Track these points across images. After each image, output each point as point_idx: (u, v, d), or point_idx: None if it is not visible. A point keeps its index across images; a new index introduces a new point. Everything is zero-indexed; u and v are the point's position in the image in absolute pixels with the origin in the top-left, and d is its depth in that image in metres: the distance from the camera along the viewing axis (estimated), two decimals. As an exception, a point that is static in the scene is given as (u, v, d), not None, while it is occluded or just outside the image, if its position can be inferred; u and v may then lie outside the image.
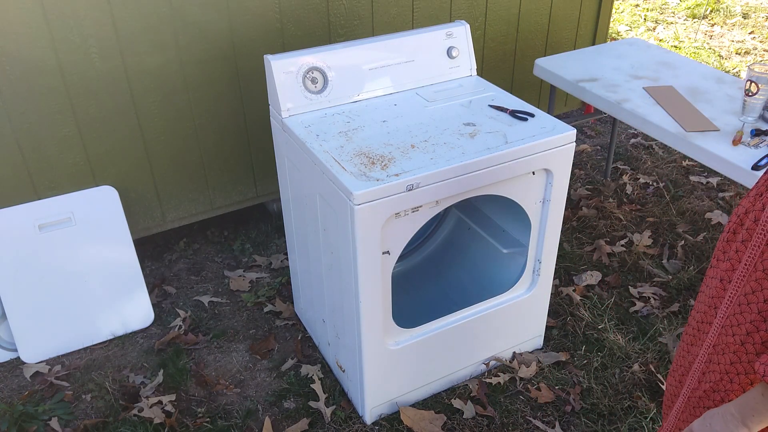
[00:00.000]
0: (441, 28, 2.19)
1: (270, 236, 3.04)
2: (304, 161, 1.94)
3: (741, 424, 1.06)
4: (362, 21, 2.77)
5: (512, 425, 2.14)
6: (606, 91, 2.56)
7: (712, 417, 1.12)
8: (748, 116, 2.30)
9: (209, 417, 2.18)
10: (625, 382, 2.29)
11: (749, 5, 6.01)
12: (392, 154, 1.83)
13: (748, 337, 1.11)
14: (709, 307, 1.23)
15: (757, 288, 1.09)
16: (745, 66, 4.75)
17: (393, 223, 1.78)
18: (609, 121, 4.07)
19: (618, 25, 5.55)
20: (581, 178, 3.47)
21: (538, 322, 2.36)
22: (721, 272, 1.19)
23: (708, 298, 1.23)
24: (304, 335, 2.51)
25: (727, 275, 1.18)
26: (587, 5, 3.43)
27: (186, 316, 2.59)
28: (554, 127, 1.96)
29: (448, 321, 2.11)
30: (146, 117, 2.49)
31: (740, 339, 1.12)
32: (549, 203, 2.06)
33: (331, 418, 2.17)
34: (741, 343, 1.12)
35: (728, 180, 3.42)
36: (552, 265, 2.23)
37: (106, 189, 2.44)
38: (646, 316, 2.56)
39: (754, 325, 1.09)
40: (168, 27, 2.38)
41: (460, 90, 2.18)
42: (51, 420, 2.16)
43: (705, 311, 1.25)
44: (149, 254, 2.93)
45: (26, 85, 2.23)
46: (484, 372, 2.33)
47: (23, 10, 2.13)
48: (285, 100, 2.00)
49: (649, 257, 2.88)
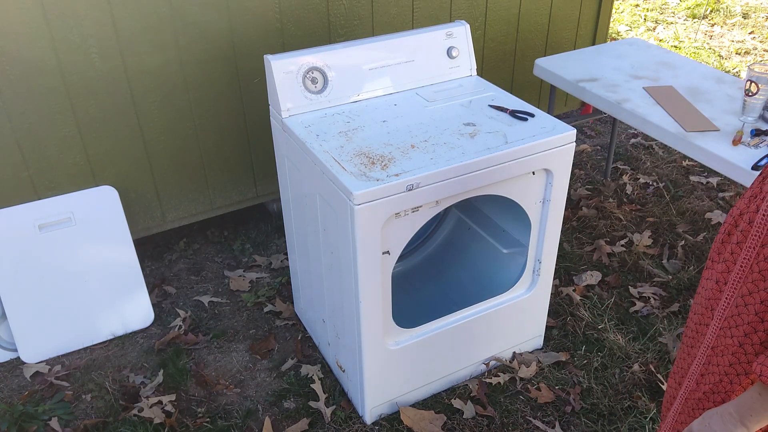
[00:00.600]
0: (441, 28, 2.19)
1: (270, 236, 3.04)
2: (304, 161, 1.94)
3: (739, 423, 1.07)
4: (362, 21, 2.77)
5: (512, 425, 2.14)
6: (606, 91, 2.56)
7: (711, 417, 1.12)
8: (748, 116, 2.30)
9: (209, 417, 2.18)
10: (625, 382, 2.29)
11: (749, 5, 6.01)
12: (392, 154, 1.83)
13: (746, 339, 1.12)
14: (705, 308, 1.24)
15: (753, 290, 1.09)
16: (745, 66, 4.75)
17: (393, 223, 1.78)
18: (609, 121, 4.07)
19: (618, 25, 5.55)
20: (581, 178, 3.47)
21: (538, 322, 2.36)
22: (717, 274, 1.20)
23: (704, 300, 1.24)
24: (304, 335, 2.51)
25: (722, 277, 1.18)
26: (587, 5, 3.43)
27: (186, 316, 2.59)
28: (554, 127, 1.96)
29: (448, 321, 2.11)
30: (146, 117, 2.49)
31: (738, 340, 1.13)
32: (549, 203, 2.06)
33: (331, 418, 2.17)
34: (739, 344, 1.13)
35: (728, 180, 3.42)
36: (552, 265, 2.23)
37: (106, 189, 2.44)
38: (646, 316, 2.56)
39: (752, 326, 1.10)
40: (168, 27, 2.38)
41: (460, 90, 2.18)
42: (51, 420, 2.16)
43: (702, 313, 1.25)
44: (149, 254, 2.93)
45: (26, 85, 2.23)
46: (484, 372, 2.33)
47: (23, 10, 2.13)
48: (285, 100, 2.00)
49: (649, 257, 2.88)
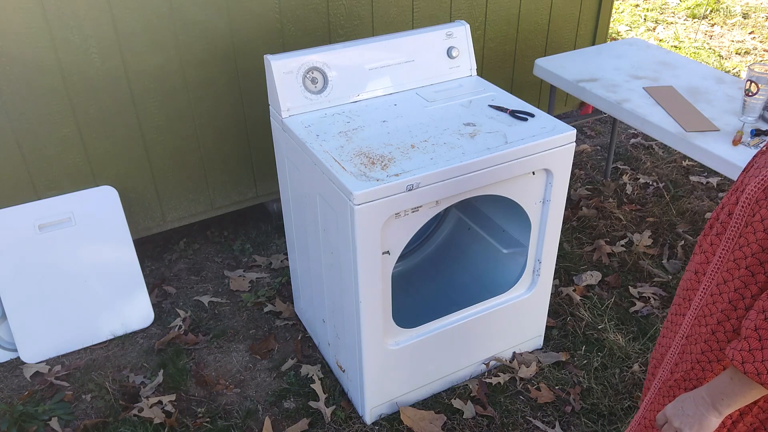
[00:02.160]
0: (441, 28, 2.19)
1: (270, 236, 3.04)
2: (304, 161, 1.94)
3: (711, 407, 1.09)
4: (362, 21, 2.77)
5: (512, 425, 2.14)
6: (606, 91, 2.56)
7: (684, 401, 1.14)
8: (748, 116, 2.30)
9: (209, 417, 2.18)
10: (625, 382, 2.29)
11: (749, 5, 6.01)
12: (392, 154, 1.83)
13: (718, 326, 1.14)
14: (683, 299, 1.26)
15: (728, 278, 1.12)
16: (745, 66, 4.75)
17: (393, 223, 1.78)
18: (609, 121, 4.07)
19: (618, 25, 5.55)
20: (581, 178, 3.47)
21: (538, 322, 2.36)
22: (696, 265, 1.22)
23: (683, 291, 1.26)
24: (304, 335, 2.51)
25: (701, 267, 1.20)
26: (587, 5, 3.43)
27: (186, 316, 2.59)
28: (554, 127, 1.96)
29: (448, 321, 2.11)
30: (146, 117, 2.49)
31: (711, 328, 1.15)
32: (549, 203, 2.06)
33: (331, 418, 2.17)
34: (712, 332, 1.15)
35: (728, 180, 3.42)
36: (552, 265, 2.23)
37: (106, 189, 2.44)
38: (646, 316, 2.56)
39: (725, 314, 1.12)
40: (168, 27, 2.38)
41: (460, 90, 2.18)
42: (51, 420, 2.16)
43: (679, 303, 1.27)
44: (149, 254, 2.93)
45: (26, 85, 2.23)
46: (484, 372, 2.33)
47: (23, 10, 2.13)
48: (285, 100, 1.99)
49: (649, 257, 2.88)
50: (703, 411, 1.09)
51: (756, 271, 1.06)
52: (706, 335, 1.17)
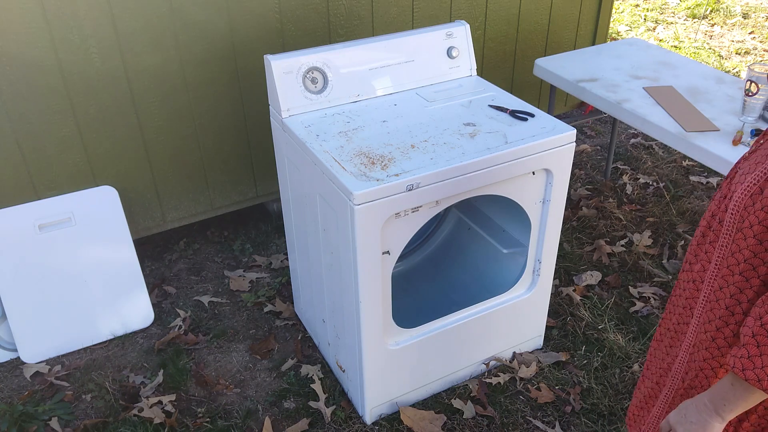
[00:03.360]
0: (441, 28, 2.19)
1: (270, 236, 3.04)
2: (304, 161, 1.94)
3: (714, 413, 1.10)
4: (362, 21, 2.77)
5: (512, 425, 2.14)
6: (606, 91, 2.56)
7: (687, 408, 1.15)
8: (748, 116, 2.30)
9: (209, 417, 2.18)
10: (625, 382, 2.29)
11: (749, 5, 6.01)
12: (392, 154, 1.83)
13: (718, 333, 1.16)
14: (684, 308, 1.28)
15: (723, 284, 1.14)
16: (745, 66, 4.75)
17: (393, 223, 1.78)
18: (609, 121, 4.07)
19: (618, 25, 5.55)
20: (581, 178, 3.47)
21: (538, 322, 2.36)
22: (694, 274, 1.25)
23: (683, 300, 1.28)
24: (304, 335, 2.51)
25: (699, 276, 1.22)
26: (587, 5, 3.43)
27: (186, 316, 2.59)
28: (554, 127, 1.96)
29: (448, 321, 2.11)
30: (146, 117, 2.49)
31: (711, 335, 1.17)
32: (549, 203, 2.06)
33: (331, 418, 2.17)
34: (712, 338, 1.17)
35: (728, 180, 3.42)
36: (552, 265, 2.23)
37: (106, 189, 2.44)
38: (646, 316, 2.56)
39: (723, 320, 1.14)
40: (168, 27, 2.38)
41: (460, 90, 2.18)
42: (51, 420, 2.16)
43: (681, 313, 1.29)
44: (149, 254, 2.93)
45: (26, 85, 2.23)
46: (484, 372, 2.33)
47: (23, 10, 2.13)
48: (285, 100, 1.99)
49: (649, 257, 2.88)
50: (707, 417, 1.10)
51: (750, 276, 1.08)
52: (707, 342, 1.18)
